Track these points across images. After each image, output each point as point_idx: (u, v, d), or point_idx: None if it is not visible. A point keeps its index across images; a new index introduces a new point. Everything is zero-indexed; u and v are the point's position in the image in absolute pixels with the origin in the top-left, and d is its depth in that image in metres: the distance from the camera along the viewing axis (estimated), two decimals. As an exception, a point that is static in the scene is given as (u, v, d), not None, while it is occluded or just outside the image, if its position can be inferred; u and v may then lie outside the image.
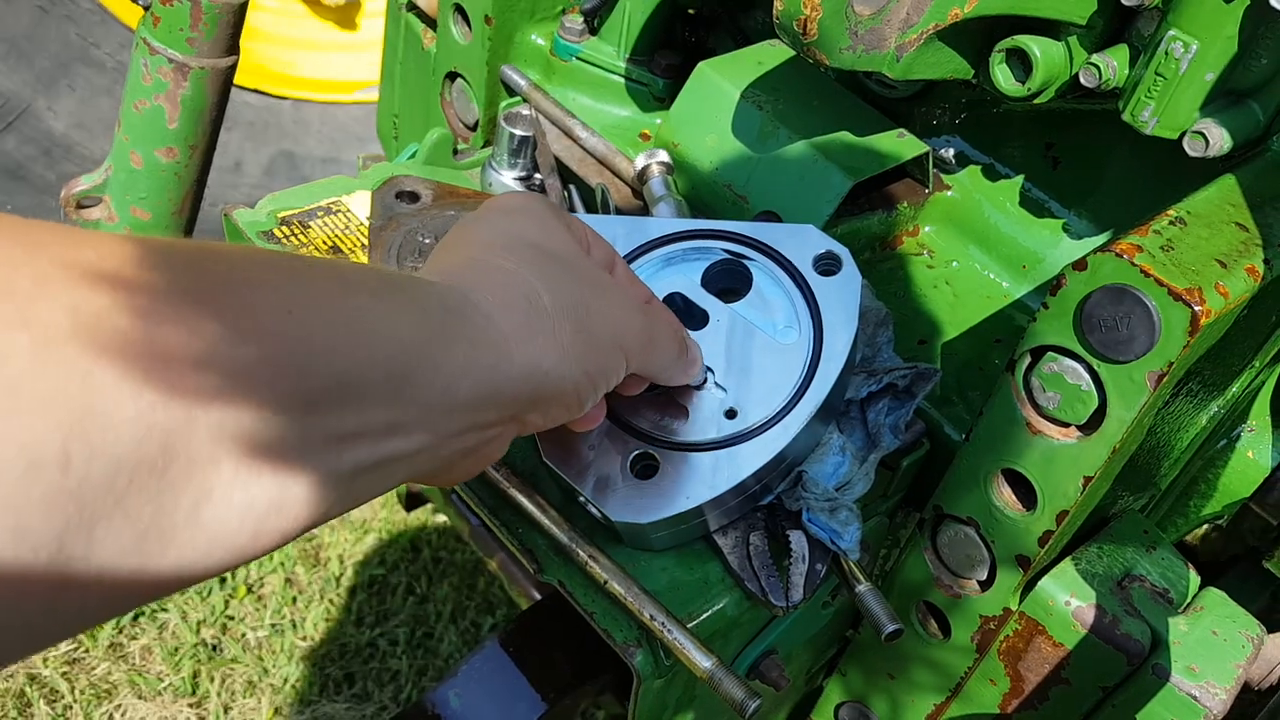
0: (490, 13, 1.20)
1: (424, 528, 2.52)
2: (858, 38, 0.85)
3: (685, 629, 0.79)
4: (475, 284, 0.62)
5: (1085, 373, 0.76)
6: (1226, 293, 0.72)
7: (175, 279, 0.44)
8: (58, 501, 0.39)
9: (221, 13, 1.29)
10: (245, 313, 0.46)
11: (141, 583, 0.44)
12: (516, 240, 0.68)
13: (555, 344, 0.63)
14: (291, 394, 0.48)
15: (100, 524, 0.40)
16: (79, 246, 0.42)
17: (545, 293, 0.64)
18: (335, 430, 0.51)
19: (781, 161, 1.06)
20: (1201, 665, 0.87)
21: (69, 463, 0.39)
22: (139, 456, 0.41)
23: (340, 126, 2.84)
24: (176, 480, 0.43)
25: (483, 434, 0.63)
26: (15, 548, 0.38)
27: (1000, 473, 0.84)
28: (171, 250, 0.46)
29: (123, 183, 1.39)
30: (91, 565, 0.41)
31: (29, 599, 0.39)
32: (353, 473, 0.53)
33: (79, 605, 0.42)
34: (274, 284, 0.49)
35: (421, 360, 0.55)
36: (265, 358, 0.46)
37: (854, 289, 0.86)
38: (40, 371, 0.38)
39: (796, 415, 0.82)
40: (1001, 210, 1.12)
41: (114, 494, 0.40)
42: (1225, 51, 0.82)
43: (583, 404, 0.69)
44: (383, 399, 0.53)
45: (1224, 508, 1.18)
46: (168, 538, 0.43)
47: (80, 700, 2.12)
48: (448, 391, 0.57)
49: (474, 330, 0.59)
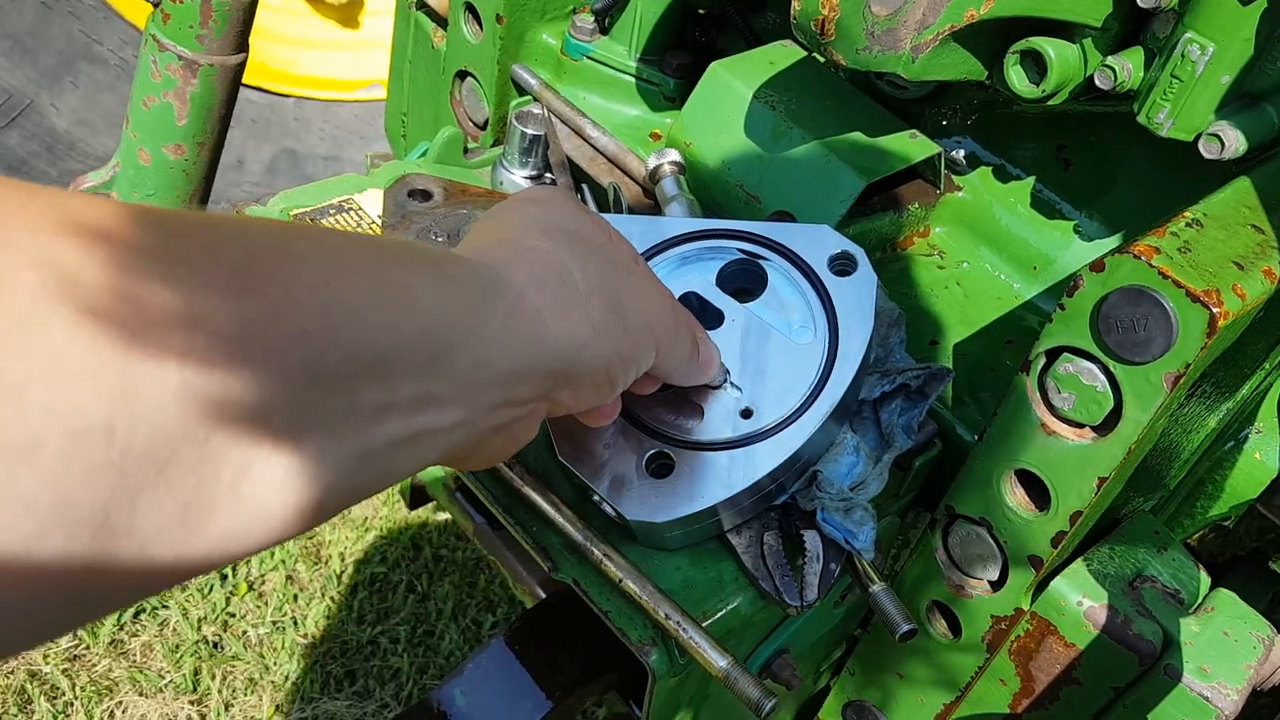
0: (502, 11, 1.20)
1: (425, 525, 2.52)
2: (874, 38, 0.85)
3: (700, 628, 0.79)
4: (508, 260, 0.62)
5: (1101, 374, 0.76)
6: (1244, 294, 0.72)
7: (218, 252, 0.44)
8: (102, 472, 0.39)
9: (231, 10, 1.29)
10: (287, 286, 0.46)
11: (183, 557, 0.43)
12: (549, 224, 0.68)
13: (587, 320, 0.64)
14: (330, 367, 0.48)
15: (144, 495, 0.40)
16: (121, 218, 0.42)
17: (578, 271, 0.65)
18: (372, 403, 0.51)
19: (794, 162, 1.06)
20: (1213, 666, 0.87)
21: (113, 432, 0.39)
22: (181, 428, 0.41)
23: (342, 124, 2.84)
24: (217, 453, 0.43)
25: (516, 410, 0.62)
26: (62, 518, 0.38)
27: (1013, 473, 0.84)
28: (214, 224, 0.46)
29: (130, 179, 1.39)
30: (135, 537, 0.41)
31: (75, 571, 0.39)
32: (387, 447, 0.53)
33: (123, 578, 0.42)
34: (314, 257, 0.49)
35: (457, 332, 0.55)
36: (305, 331, 0.46)
37: (869, 289, 0.86)
38: (84, 341, 0.38)
39: (812, 415, 0.82)
40: (1013, 211, 1.12)
41: (157, 465, 0.40)
42: (1241, 54, 0.82)
43: (614, 385, 0.69)
44: (419, 371, 0.53)
45: (1231, 509, 1.19)
46: (209, 511, 0.43)
47: (81, 697, 2.12)
48: (483, 364, 0.57)
49: (508, 304, 0.59)
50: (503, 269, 0.61)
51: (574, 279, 0.64)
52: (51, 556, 0.38)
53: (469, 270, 0.60)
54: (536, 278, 0.62)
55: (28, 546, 0.37)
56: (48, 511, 0.37)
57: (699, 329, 0.82)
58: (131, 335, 0.39)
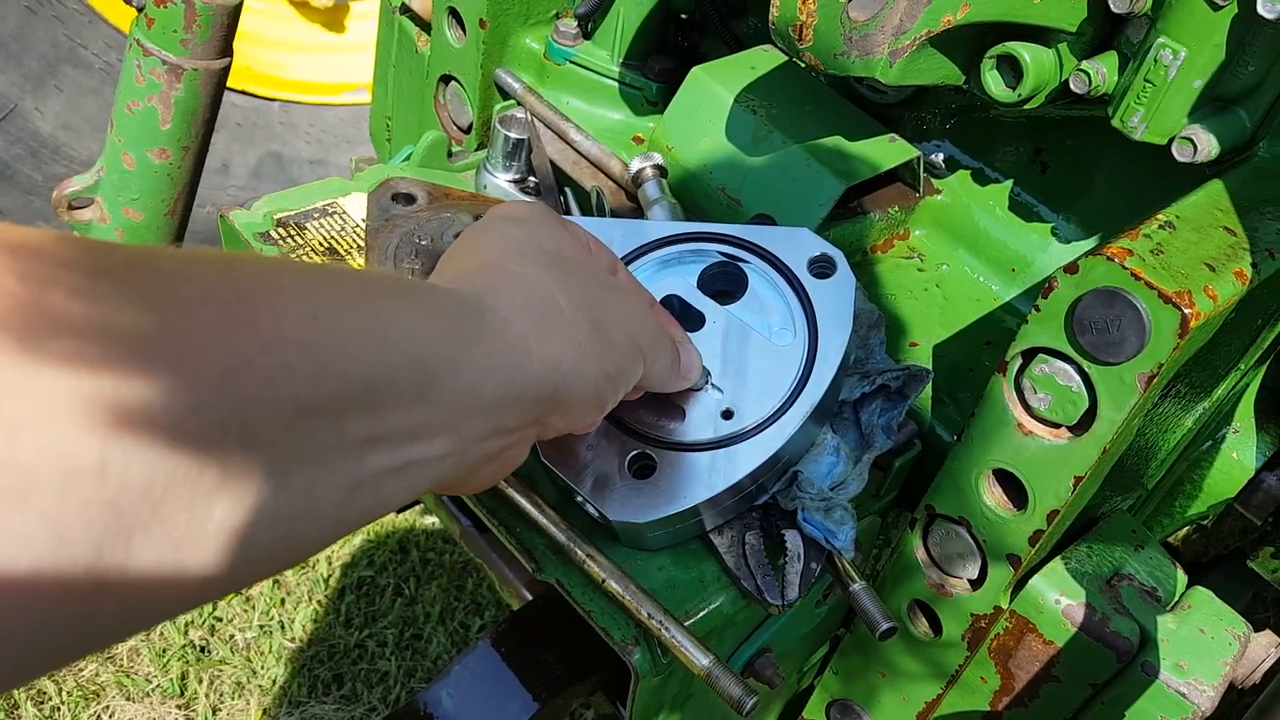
0: (485, 16, 1.21)
1: (412, 529, 2.52)
2: (852, 43, 0.86)
3: (683, 627, 0.80)
4: (491, 288, 0.63)
5: (1076, 374, 0.77)
6: (1215, 296, 0.73)
7: (208, 290, 0.45)
8: (96, 510, 0.39)
9: (215, 14, 1.29)
10: (276, 322, 0.47)
11: (178, 590, 0.44)
12: (528, 246, 0.69)
13: (573, 343, 0.64)
14: (319, 400, 0.48)
15: (138, 532, 0.41)
16: (108, 258, 0.42)
17: (561, 294, 0.65)
18: (361, 435, 0.51)
19: (774, 165, 1.07)
20: (1189, 663, 0.88)
21: (106, 471, 0.39)
22: (172, 465, 0.41)
23: (328, 128, 2.84)
24: (210, 488, 0.43)
25: (505, 438, 0.63)
26: (56, 556, 0.38)
27: (991, 473, 0.85)
28: (203, 261, 0.47)
29: (115, 184, 1.39)
30: (129, 573, 0.41)
31: (68, 608, 0.40)
32: (376, 477, 0.53)
33: (116, 613, 0.42)
34: (301, 291, 0.50)
35: (444, 364, 0.56)
36: (294, 366, 0.47)
37: (848, 291, 0.87)
38: (77, 379, 0.38)
39: (792, 416, 0.83)
40: (991, 214, 1.13)
41: (150, 502, 0.41)
42: (1213, 59, 0.83)
43: (603, 406, 0.70)
44: (407, 403, 0.54)
45: (1209, 508, 1.20)
46: (202, 547, 0.44)
47: (68, 702, 2.11)
48: (471, 394, 0.58)
49: (493, 332, 0.60)
50: (487, 297, 0.62)
51: (558, 303, 0.65)
52: (48, 594, 0.38)
53: (454, 301, 0.60)
54: (520, 304, 0.63)
55: (24, 583, 0.38)
56: (43, 550, 0.38)
57: (680, 334, 0.82)
58: (122, 375, 0.40)
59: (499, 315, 0.61)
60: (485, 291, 0.62)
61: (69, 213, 1.42)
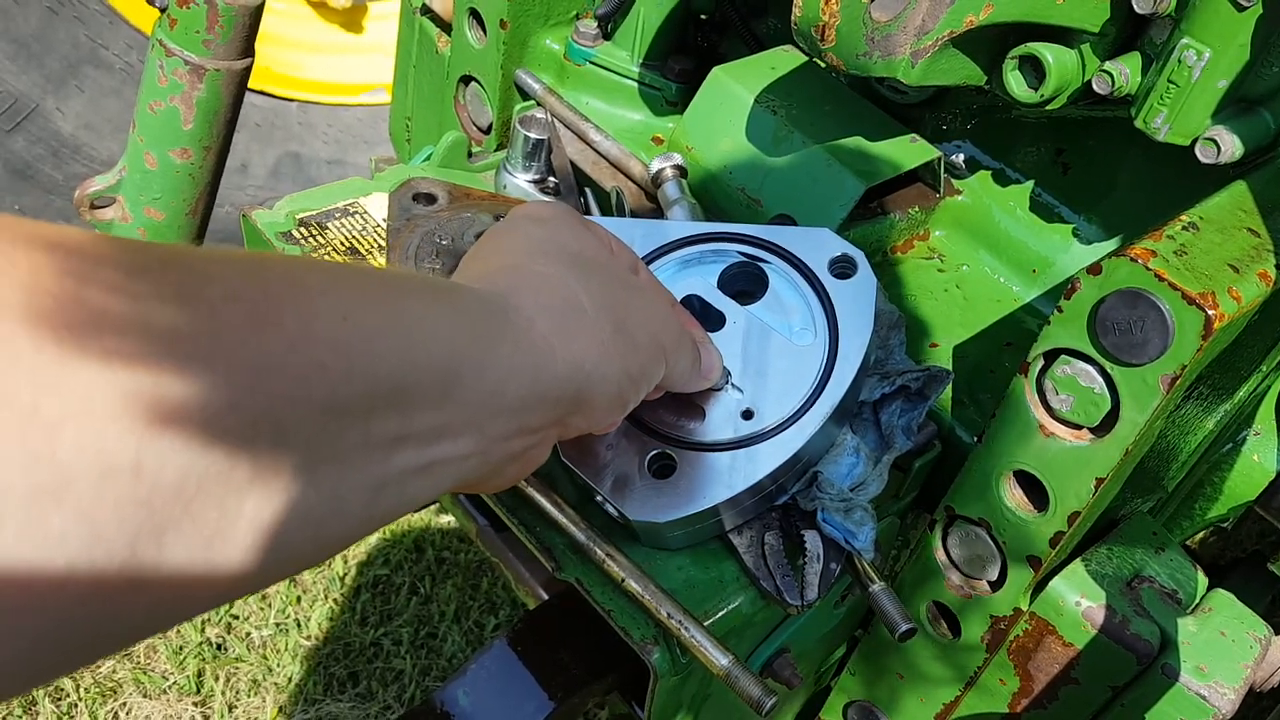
0: (505, 17, 1.21)
1: (428, 528, 2.53)
2: (874, 44, 0.86)
3: (702, 627, 0.80)
4: (515, 288, 0.63)
5: (1098, 375, 0.77)
6: (1239, 297, 0.73)
7: (238, 291, 0.45)
8: (130, 509, 0.39)
9: (237, 15, 1.30)
10: (305, 322, 0.47)
11: (208, 588, 0.44)
12: (551, 246, 0.69)
13: (596, 343, 0.64)
14: (347, 400, 0.48)
15: (170, 530, 0.41)
16: (139, 257, 0.43)
17: (584, 295, 0.65)
18: (387, 434, 0.51)
19: (795, 166, 1.07)
20: (1210, 665, 0.88)
21: (141, 469, 0.39)
22: (207, 462, 0.42)
23: (346, 128, 2.85)
24: (240, 487, 0.43)
25: (528, 438, 0.63)
26: (89, 555, 0.38)
27: (1012, 474, 0.85)
28: (233, 262, 0.47)
29: (137, 183, 1.40)
30: (161, 571, 0.41)
31: (100, 606, 0.40)
32: (402, 476, 0.53)
33: (147, 611, 0.42)
34: (329, 291, 0.50)
35: (469, 362, 0.56)
36: (323, 365, 0.47)
37: (869, 292, 0.87)
38: (115, 377, 0.39)
39: (813, 416, 0.83)
40: (1012, 215, 1.13)
41: (183, 500, 0.41)
42: (1238, 59, 0.83)
43: (625, 406, 0.70)
44: (432, 403, 0.54)
45: (1229, 511, 1.20)
46: (233, 544, 0.44)
47: (85, 698, 2.12)
48: (495, 393, 0.58)
49: (517, 332, 0.60)
50: (511, 297, 0.62)
51: (581, 303, 0.65)
52: (80, 592, 0.39)
53: (478, 301, 0.60)
54: (544, 305, 0.63)
55: (58, 582, 0.38)
56: (77, 548, 0.38)
57: (700, 334, 0.83)
58: (160, 372, 0.40)
59: (523, 315, 0.61)
60: (509, 291, 0.63)
61: (91, 212, 1.43)
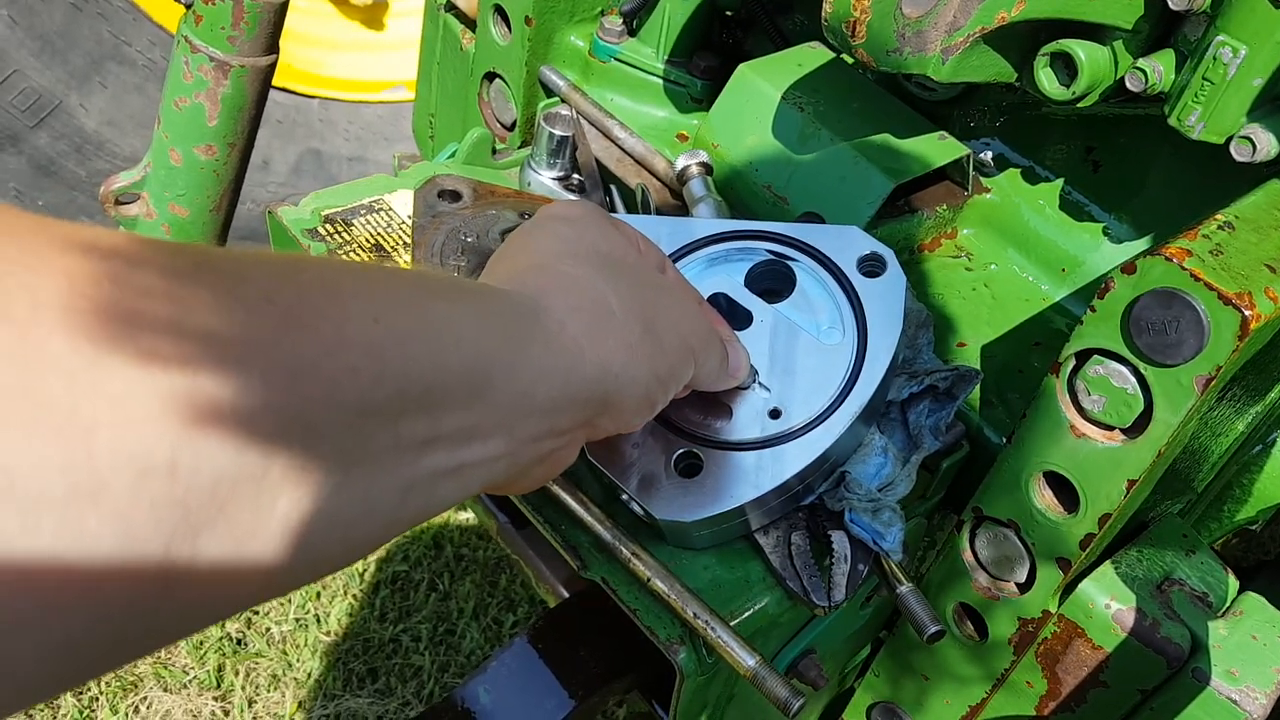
0: (530, 13, 1.21)
1: (446, 525, 2.53)
2: (905, 40, 0.86)
3: (729, 627, 0.79)
4: (544, 289, 0.63)
5: (1131, 376, 0.76)
6: (1276, 297, 0.72)
7: (272, 293, 0.45)
8: (166, 509, 0.39)
9: (263, 12, 1.30)
10: (338, 324, 0.47)
11: (240, 588, 0.44)
12: (580, 247, 0.68)
13: (625, 345, 0.64)
14: (378, 401, 0.48)
15: (204, 531, 0.41)
16: (176, 260, 0.43)
17: (613, 296, 0.65)
18: (418, 436, 0.51)
19: (822, 163, 1.07)
20: (1241, 669, 0.87)
21: (177, 469, 0.39)
22: (242, 463, 0.42)
23: (367, 125, 2.86)
24: (273, 488, 0.43)
25: (557, 440, 0.63)
26: (124, 556, 0.38)
27: (1042, 475, 0.84)
28: (266, 264, 0.47)
29: (161, 179, 1.40)
30: (194, 572, 0.41)
31: (133, 606, 0.40)
32: (431, 478, 0.53)
33: (179, 612, 0.42)
34: (362, 294, 0.50)
35: (499, 364, 0.56)
36: (356, 368, 0.47)
37: (898, 290, 0.86)
38: (152, 378, 0.39)
39: (840, 416, 0.83)
40: (1041, 213, 1.12)
41: (217, 500, 0.41)
42: (1274, 57, 0.82)
43: (654, 407, 0.70)
44: (463, 404, 0.54)
45: (1258, 513, 1.18)
46: (265, 545, 0.44)
47: (106, 692, 2.13)
48: (525, 395, 0.58)
49: (547, 334, 0.60)
50: (541, 299, 0.62)
51: (610, 305, 0.65)
52: (114, 593, 0.39)
53: (508, 302, 0.60)
54: (574, 306, 0.63)
55: (93, 582, 0.38)
56: (112, 549, 0.38)
57: (728, 332, 0.82)
58: (196, 373, 0.40)
59: (553, 317, 0.61)
60: (539, 293, 0.62)
61: (115, 208, 1.44)
